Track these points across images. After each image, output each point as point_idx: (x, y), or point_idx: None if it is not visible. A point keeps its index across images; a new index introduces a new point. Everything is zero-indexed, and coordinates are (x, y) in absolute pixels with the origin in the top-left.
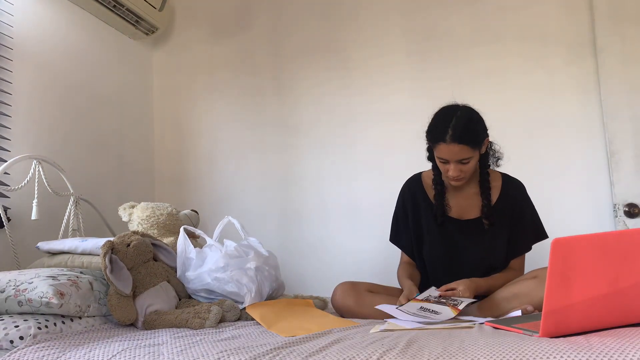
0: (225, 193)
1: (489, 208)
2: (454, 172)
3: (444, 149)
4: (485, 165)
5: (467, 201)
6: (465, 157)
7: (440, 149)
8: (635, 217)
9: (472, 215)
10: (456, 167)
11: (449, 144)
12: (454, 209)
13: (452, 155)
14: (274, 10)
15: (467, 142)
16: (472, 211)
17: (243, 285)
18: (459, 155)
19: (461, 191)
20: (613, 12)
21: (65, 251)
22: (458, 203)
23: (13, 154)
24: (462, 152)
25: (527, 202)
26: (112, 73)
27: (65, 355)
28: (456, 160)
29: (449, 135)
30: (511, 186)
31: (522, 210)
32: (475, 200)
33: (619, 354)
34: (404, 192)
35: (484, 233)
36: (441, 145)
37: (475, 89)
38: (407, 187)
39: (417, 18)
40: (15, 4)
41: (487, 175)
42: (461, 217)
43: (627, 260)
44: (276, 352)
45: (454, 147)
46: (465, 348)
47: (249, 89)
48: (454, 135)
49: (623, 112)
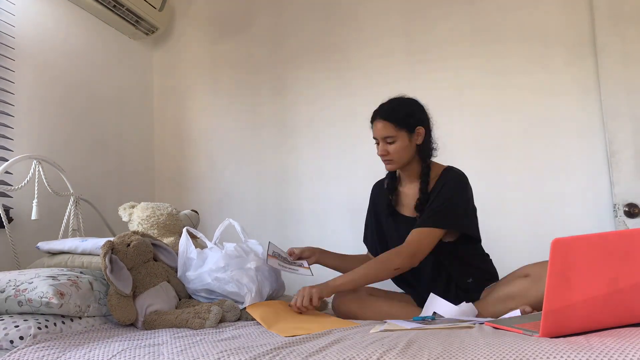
0: (225, 193)
1: (421, 200)
2: (380, 151)
3: (374, 128)
4: (424, 157)
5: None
6: (389, 134)
7: (373, 128)
8: (636, 217)
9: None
10: (382, 146)
11: (376, 120)
12: (405, 206)
13: (377, 132)
14: (273, 11)
15: (392, 120)
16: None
17: (243, 285)
18: (383, 132)
19: (410, 188)
20: (613, 12)
21: (65, 251)
22: (407, 200)
23: (15, 153)
24: (386, 129)
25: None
26: (112, 73)
27: (65, 355)
28: (381, 137)
29: (378, 113)
30: (446, 175)
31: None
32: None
33: (619, 354)
34: (371, 193)
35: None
36: (373, 123)
37: (475, 89)
38: (372, 190)
39: (417, 18)
40: (16, 4)
41: (427, 169)
42: (411, 214)
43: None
44: (276, 352)
45: (378, 123)
46: (465, 348)
47: (249, 88)
48: (380, 112)
49: (623, 112)
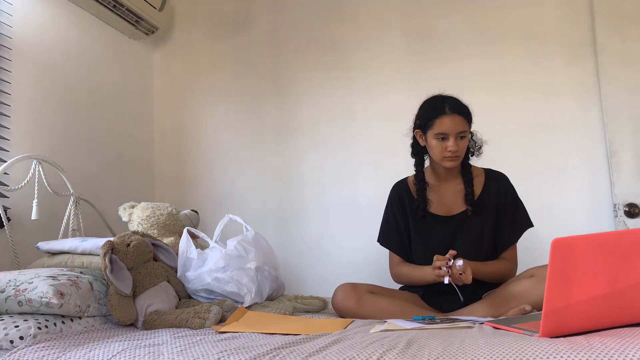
0: (225, 193)
1: (472, 196)
2: (453, 146)
3: (446, 121)
4: (466, 156)
5: (451, 198)
6: (463, 129)
7: (441, 123)
8: (636, 217)
9: (455, 211)
10: (455, 141)
11: (449, 114)
12: (438, 206)
13: (453, 126)
14: (273, 11)
15: (465, 114)
16: (455, 207)
17: (243, 285)
18: (460, 126)
19: (444, 189)
20: (613, 12)
21: (65, 251)
22: (441, 201)
23: (12, 154)
24: (462, 124)
25: (512, 192)
26: (112, 73)
27: (65, 355)
28: (457, 131)
29: (448, 107)
30: (494, 178)
31: (506, 201)
32: (458, 197)
33: (618, 354)
34: (392, 195)
35: (469, 227)
36: (442, 118)
37: (475, 89)
38: (394, 191)
39: (417, 18)
40: (14, 4)
41: (468, 167)
42: (446, 214)
43: (627, 260)
44: (276, 352)
45: (454, 117)
46: (465, 348)
47: (249, 88)
48: (452, 106)
49: (623, 112)
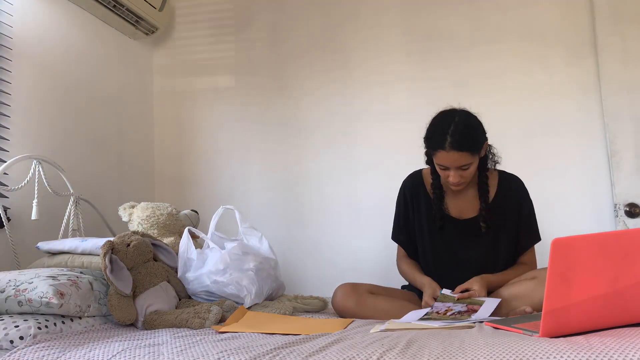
0: (225, 193)
1: (486, 211)
2: (454, 179)
3: (444, 157)
4: (484, 167)
5: (466, 203)
6: (465, 163)
7: (439, 157)
8: (636, 217)
9: (469, 215)
10: (456, 173)
11: (448, 151)
12: (453, 210)
13: (452, 163)
14: (273, 11)
15: (467, 149)
16: (470, 211)
17: (243, 287)
18: (459, 162)
19: (460, 193)
20: (613, 11)
21: (65, 251)
22: (457, 205)
23: (12, 154)
24: (462, 159)
25: (526, 197)
26: (112, 73)
27: (65, 355)
28: (456, 167)
29: (447, 142)
30: (508, 182)
31: (521, 206)
32: (474, 202)
33: (618, 354)
34: (405, 187)
35: (480, 233)
36: (440, 152)
37: (475, 89)
38: (408, 183)
39: (417, 18)
40: (14, 4)
41: (486, 178)
42: (459, 217)
43: (627, 260)
44: (276, 352)
45: (453, 155)
46: (465, 348)
47: (249, 89)
48: (452, 142)
49: (624, 112)
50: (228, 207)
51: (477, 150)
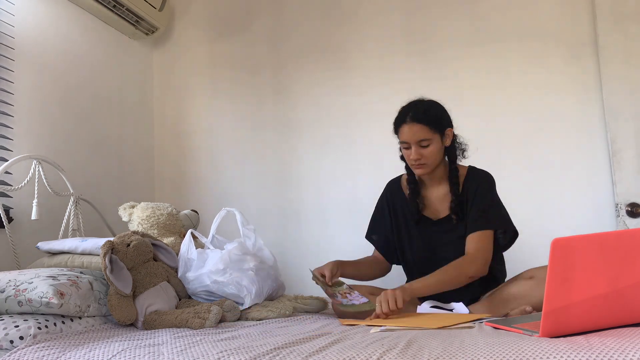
0: (225, 193)
1: (456, 204)
2: (414, 155)
3: (405, 130)
4: (452, 159)
5: (438, 201)
6: (424, 137)
7: (402, 132)
8: (638, 216)
9: (442, 215)
10: (417, 150)
11: (408, 123)
12: (429, 208)
13: (411, 136)
14: (273, 10)
15: (426, 122)
16: (443, 210)
17: (243, 287)
18: (418, 135)
19: (433, 191)
20: (615, 9)
21: (65, 251)
22: (432, 203)
23: (15, 153)
24: (421, 132)
25: (482, 185)
26: (112, 73)
27: (65, 355)
28: (416, 141)
29: (409, 116)
30: (473, 176)
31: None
32: (447, 199)
33: (618, 354)
34: (385, 192)
35: (454, 231)
36: (403, 127)
37: (475, 89)
38: (387, 189)
39: (417, 18)
40: (16, 4)
41: (456, 171)
42: (436, 217)
43: (627, 260)
44: (276, 352)
45: (413, 126)
46: (465, 348)
47: (249, 88)
48: (413, 115)
49: (625, 111)
50: (230, 209)
51: (436, 126)
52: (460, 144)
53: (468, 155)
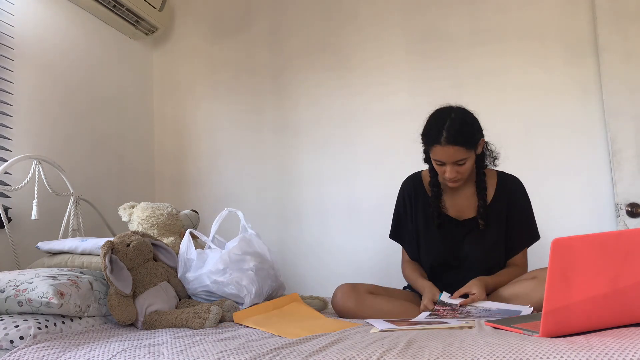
0: (225, 193)
1: (484, 208)
2: (450, 174)
3: (440, 151)
4: (481, 165)
5: (464, 201)
6: (461, 158)
7: (435, 152)
8: (638, 216)
9: (469, 215)
10: (452, 168)
11: (444, 145)
12: (451, 209)
13: (447, 157)
14: (273, 11)
15: (462, 143)
16: (469, 211)
17: (243, 287)
18: (455, 156)
19: (458, 192)
20: (615, 9)
21: (65, 251)
22: (455, 203)
23: (14, 153)
24: (458, 154)
25: (524, 198)
26: (112, 73)
27: (65, 355)
28: (452, 162)
29: (443, 137)
30: (507, 183)
31: (516, 207)
32: (472, 201)
33: (619, 354)
34: (404, 189)
35: (481, 232)
36: (436, 147)
37: (475, 89)
38: (408, 184)
39: (417, 18)
40: (16, 4)
41: (483, 175)
42: (459, 217)
43: (627, 260)
44: (276, 352)
45: (449, 149)
46: (465, 348)
47: (249, 88)
48: (448, 137)
49: (625, 111)
50: (232, 209)
51: (472, 145)
52: (491, 151)
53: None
